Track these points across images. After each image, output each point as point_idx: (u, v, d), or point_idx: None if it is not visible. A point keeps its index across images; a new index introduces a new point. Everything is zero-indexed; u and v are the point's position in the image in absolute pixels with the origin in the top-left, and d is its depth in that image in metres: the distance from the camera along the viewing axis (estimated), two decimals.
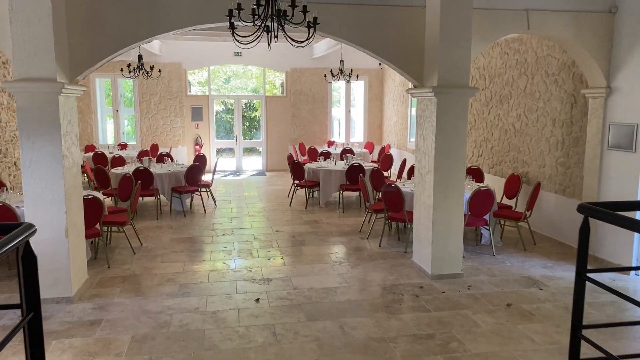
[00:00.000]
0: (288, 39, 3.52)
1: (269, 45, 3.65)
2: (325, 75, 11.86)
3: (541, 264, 6.25)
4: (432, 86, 5.43)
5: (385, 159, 10.89)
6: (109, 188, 8.60)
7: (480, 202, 6.40)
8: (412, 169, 8.74)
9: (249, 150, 18.75)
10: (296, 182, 9.86)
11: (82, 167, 11.35)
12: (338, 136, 15.67)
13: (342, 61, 10.50)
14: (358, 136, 15.28)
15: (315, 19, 3.88)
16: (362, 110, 14.98)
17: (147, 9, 5.12)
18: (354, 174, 9.04)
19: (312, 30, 3.66)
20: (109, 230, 6.89)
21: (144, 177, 8.44)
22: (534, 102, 7.67)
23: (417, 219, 6.01)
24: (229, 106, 19.57)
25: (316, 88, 14.51)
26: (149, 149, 12.81)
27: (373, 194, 8.09)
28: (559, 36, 6.08)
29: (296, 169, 9.64)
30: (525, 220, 6.86)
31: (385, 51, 5.68)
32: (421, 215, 5.90)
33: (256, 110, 19.48)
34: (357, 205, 9.78)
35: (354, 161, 9.58)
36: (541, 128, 7.54)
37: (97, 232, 6.01)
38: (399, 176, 9.55)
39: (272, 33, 3.52)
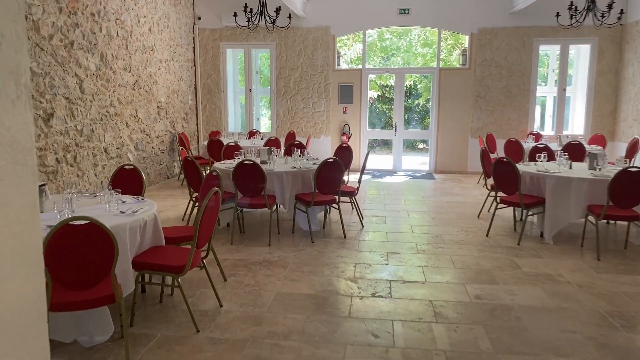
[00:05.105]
0: None
1: None
2: (559, 13, 7.35)
3: None
4: None
5: None
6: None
7: None
8: None
9: (411, 146, 14.97)
10: (500, 195, 5.81)
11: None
12: (541, 127, 11.00)
13: None
14: (576, 128, 10.42)
15: None
16: (585, 89, 10.10)
17: None
18: (625, 187, 4.70)
19: None
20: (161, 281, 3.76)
21: (249, 178, 5.24)
22: None
23: None
24: (386, 93, 15.96)
25: (514, 57, 10.09)
26: (283, 139, 9.86)
27: None
28: None
29: (502, 172, 5.58)
30: None
31: None
32: None
33: (419, 97, 15.54)
34: (616, 243, 5.38)
35: (626, 164, 5.21)
36: None
37: (109, 296, 2.83)
38: None
39: None
